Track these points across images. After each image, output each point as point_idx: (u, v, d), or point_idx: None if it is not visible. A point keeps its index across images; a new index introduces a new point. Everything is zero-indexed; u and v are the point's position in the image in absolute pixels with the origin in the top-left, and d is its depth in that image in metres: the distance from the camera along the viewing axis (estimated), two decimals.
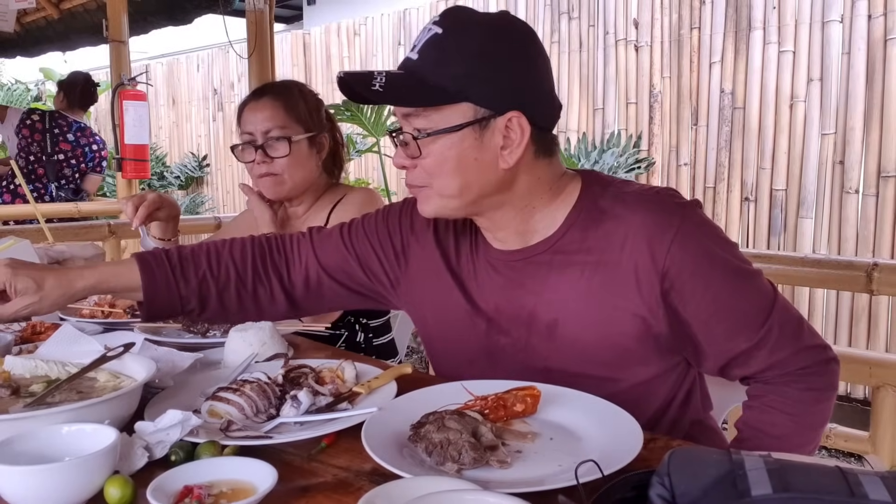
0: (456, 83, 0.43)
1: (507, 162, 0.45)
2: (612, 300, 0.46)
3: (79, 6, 2.47)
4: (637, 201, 0.46)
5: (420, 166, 0.46)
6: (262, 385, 0.47)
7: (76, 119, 2.11)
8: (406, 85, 0.44)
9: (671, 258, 0.44)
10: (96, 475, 0.35)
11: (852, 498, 0.26)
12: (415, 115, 0.45)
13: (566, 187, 0.49)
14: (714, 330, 0.46)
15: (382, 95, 0.43)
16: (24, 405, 0.43)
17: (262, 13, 1.79)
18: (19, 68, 4.42)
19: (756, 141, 1.88)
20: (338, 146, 0.85)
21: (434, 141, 0.45)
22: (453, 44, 0.44)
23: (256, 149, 0.78)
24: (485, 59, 0.44)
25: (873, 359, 0.99)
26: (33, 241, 0.78)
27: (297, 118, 0.78)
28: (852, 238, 1.73)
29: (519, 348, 0.49)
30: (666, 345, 0.47)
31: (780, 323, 0.45)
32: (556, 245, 0.48)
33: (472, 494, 0.31)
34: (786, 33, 1.81)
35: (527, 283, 0.49)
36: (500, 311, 0.50)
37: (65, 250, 0.83)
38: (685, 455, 0.29)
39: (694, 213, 0.46)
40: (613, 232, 0.46)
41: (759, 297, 0.46)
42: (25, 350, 0.57)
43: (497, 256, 0.50)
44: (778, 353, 0.45)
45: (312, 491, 0.37)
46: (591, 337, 0.47)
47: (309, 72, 3.09)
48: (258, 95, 0.79)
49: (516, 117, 0.45)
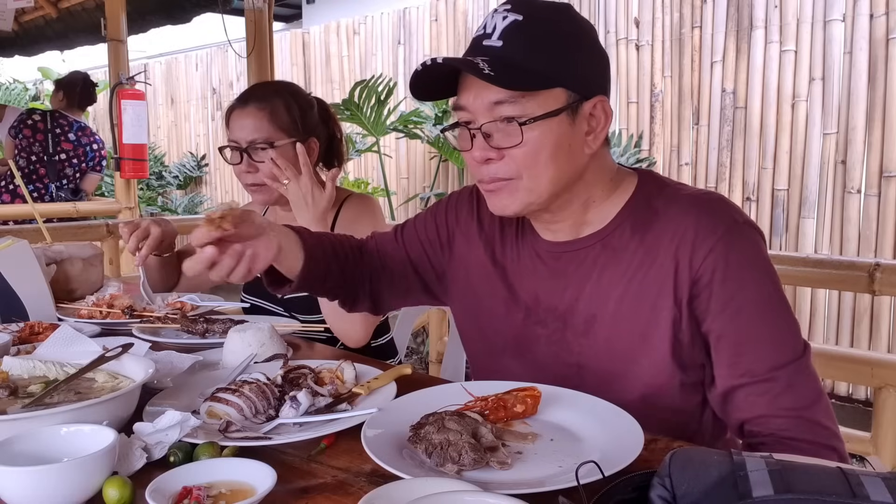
0: (551, 68, 0.43)
1: (591, 147, 0.46)
2: (650, 301, 0.45)
3: (77, 5, 2.47)
4: (690, 204, 0.46)
5: (510, 157, 0.44)
6: (262, 386, 0.46)
7: (76, 119, 2.11)
8: (510, 70, 0.42)
9: (706, 265, 0.44)
10: (95, 476, 0.35)
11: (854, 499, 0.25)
12: (507, 103, 0.43)
13: (623, 182, 0.49)
14: (722, 351, 0.44)
15: (496, 79, 0.41)
16: (23, 406, 0.43)
17: (260, 12, 1.78)
18: (17, 67, 4.42)
19: (757, 140, 1.87)
20: (336, 142, 0.84)
21: (533, 128, 0.43)
22: (541, 30, 0.43)
23: (241, 155, 0.77)
24: (574, 45, 0.44)
25: (875, 359, 0.98)
26: (31, 241, 0.76)
27: (282, 126, 0.77)
28: (854, 238, 1.73)
29: (554, 341, 0.49)
30: (688, 357, 0.45)
31: (793, 380, 0.42)
32: (605, 239, 0.48)
33: (472, 496, 0.30)
34: (787, 32, 1.81)
35: (570, 276, 0.48)
36: (538, 300, 0.50)
37: (63, 250, 0.82)
38: (686, 456, 0.29)
39: (745, 230, 0.44)
40: (662, 233, 0.45)
41: (780, 340, 0.43)
42: (23, 351, 0.56)
43: (543, 246, 0.50)
44: (780, 407, 0.42)
45: (312, 492, 0.36)
46: (626, 337, 0.46)
47: (308, 71, 3.09)
48: (244, 102, 0.78)
49: (600, 101, 0.45)
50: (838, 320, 1.76)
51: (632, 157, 2.14)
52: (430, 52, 2.68)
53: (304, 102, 0.81)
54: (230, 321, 0.68)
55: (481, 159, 0.45)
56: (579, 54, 0.45)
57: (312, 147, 0.80)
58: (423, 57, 2.69)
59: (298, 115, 0.79)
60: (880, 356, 1.25)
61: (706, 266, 0.44)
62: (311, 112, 0.81)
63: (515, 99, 0.43)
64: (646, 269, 0.46)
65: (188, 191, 3.72)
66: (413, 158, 2.74)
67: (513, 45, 0.43)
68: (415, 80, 0.45)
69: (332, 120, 0.85)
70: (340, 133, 0.86)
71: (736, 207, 0.46)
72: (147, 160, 2.15)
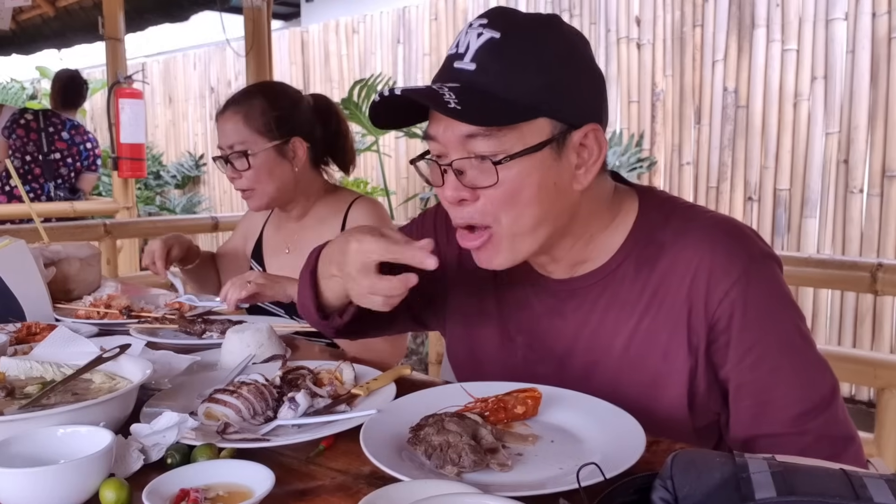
0: (532, 96, 0.37)
1: (581, 183, 0.40)
2: (661, 348, 0.41)
3: (75, 4, 2.46)
4: (700, 238, 0.40)
5: (486, 198, 0.38)
6: (260, 387, 0.46)
7: (69, 117, 2.09)
8: (481, 101, 0.36)
9: (722, 309, 0.39)
10: (91, 478, 0.35)
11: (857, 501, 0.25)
12: (480, 136, 0.37)
13: (622, 206, 0.43)
14: (742, 400, 0.40)
15: (462, 114, 0.36)
16: (19, 407, 0.43)
17: (259, 10, 1.78)
18: (15, 66, 4.39)
19: (759, 140, 1.87)
20: (341, 139, 0.82)
21: (510, 166, 0.37)
22: (520, 50, 0.37)
23: (226, 162, 0.78)
24: (561, 65, 0.38)
25: (878, 360, 0.98)
26: (29, 241, 0.76)
27: (258, 129, 0.76)
28: (856, 238, 1.72)
29: (554, 383, 0.44)
30: (703, 405, 0.42)
31: (823, 432, 0.39)
32: (606, 279, 0.43)
33: (472, 498, 0.30)
34: (789, 31, 1.80)
35: (567, 317, 0.44)
36: (535, 337, 0.45)
37: (60, 250, 0.82)
38: (688, 458, 0.29)
39: (762, 265, 0.40)
40: (671, 271, 0.40)
41: (807, 385, 0.39)
42: (20, 351, 0.56)
43: (539, 281, 0.45)
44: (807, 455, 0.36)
45: (310, 494, 0.36)
46: (634, 386, 0.42)
47: (307, 70, 3.08)
48: (225, 107, 0.78)
49: (593, 130, 0.39)
50: (840, 321, 1.75)
51: (633, 156, 2.13)
52: (430, 50, 2.66)
53: (284, 102, 0.78)
54: (228, 322, 0.68)
55: (454, 200, 0.39)
56: (567, 77, 0.38)
57: (297, 147, 0.78)
58: (422, 56, 2.68)
59: (275, 116, 0.77)
60: (883, 357, 1.23)
61: (723, 310, 0.39)
62: (294, 110, 0.78)
63: (490, 132, 0.37)
64: (654, 313, 0.41)
65: (186, 190, 3.71)
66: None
67: (487, 70, 0.37)
68: (374, 109, 0.39)
69: (333, 117, 0.82)
70: (346, 129, 0.83)
71: (751, 238, 0.41)
72: (145, 159, 2.14)
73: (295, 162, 0.78)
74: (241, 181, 0.77)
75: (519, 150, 0.38)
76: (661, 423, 0.42)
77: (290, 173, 0.78)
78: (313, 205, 0.82)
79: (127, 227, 1.90)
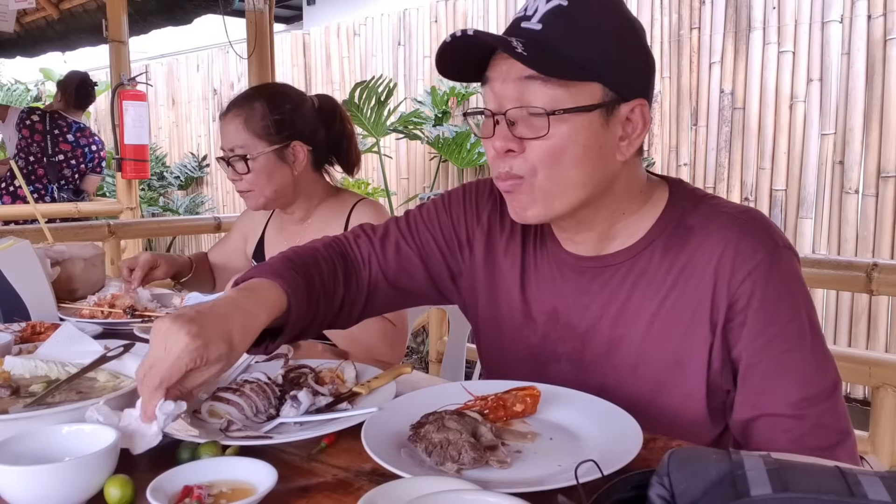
0: (590, 60, 0.39)
1: (623, 154, 0.41)
2: (684, 325, 0.42)
3: (78, 6, 2.47)
4: (728, 222, 0.42)
5: (531, 151, 0.39)
6: (262, 385, 0.46)
7: (75, 119, 2.10)
8: (544, 52, 0.38)
9: (743, 289, 0.41)
10: (96, 475, 0.35)
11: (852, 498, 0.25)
12: (538, 86, 0.38)
13: (654, 193, 0.45)
14: (750, 379, 0.41)
15: (526, 59, 0.37)
16: (25, 405, 0.43)
17: (261, 13, 1.79)
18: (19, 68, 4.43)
19: (756, 141, 1.87)
20: (347, 142, 0.82)
21: (562, 120, 0.39)
22: (584, 18, 0.39)
23: (227, 164, 0.78)
24: (619, 40, 0.40)
25: (873, 359, 0.98)
26: (33, 241, 0.76)
27: (258, 133, 0.76)
28: (852, 238, 1.73)
29: (574, 360, 0.46)
30: (717, 383, 0.43)
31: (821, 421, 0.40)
32: (635, 258, 0.44)
33: (472, 494, 0.30)
34: (785, 33, 1.81)
35: (594, 294, 0.45)
36: (557, 316, 0.46)
37: (64, 250, 0.82)
38: (685, 455, 0.29)
39: (784, 255, 0.41)
40: (698, 253, 0.42)
41: (813, 373, 0.40)
42: (25, 350, 0.56)
43: (566, 259, 0.46)
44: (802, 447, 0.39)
45: (312, 491, 0.36)
46: (656, 362, 0.43)
47: (309, 72, 3.09)
48: (227, 110, 0.79)
49: (640, 106, 0.41)
50: (836, 320, 1.76)
51: None
52: (431, 52, 2.69)
53: (286, 104, 0.78)
54: None
55: (501, 150, 0.40)
56: (623, 51, 0.40)
57: (297, 151, 0.77)
58: (423, 58, 2.68)
59: (275, 120, 0.76)
60: (878, 356, 1.25)
61: (743, 290, 0.40)
62: (296, 113, 0.78)
63: (547, 84, 0.38)
64: (679, 291, 0.42)
65: (189, 191, 3.71)
66: (413, 159, 2.75)
67: (552, 31, 0.39)
68: (441, 52, 0.40)
69: (339, 119, 0.82)
70: (351, 130, 0.83)
71: (776, 229, 0.43)
72: (148, 161, 2.15)
73: (295, 166, 0.78)
74: (240, 183, 0.78)
75: (571, 105, 0.39)
76: (678, 403, 0.43)
77: (290, 177, 0.78)
78: (316, 207, 0.82)
79: (131, 227, 1.90)
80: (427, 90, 2.54)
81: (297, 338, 0.46)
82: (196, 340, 0.36)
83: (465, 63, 0.42)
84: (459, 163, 2.37)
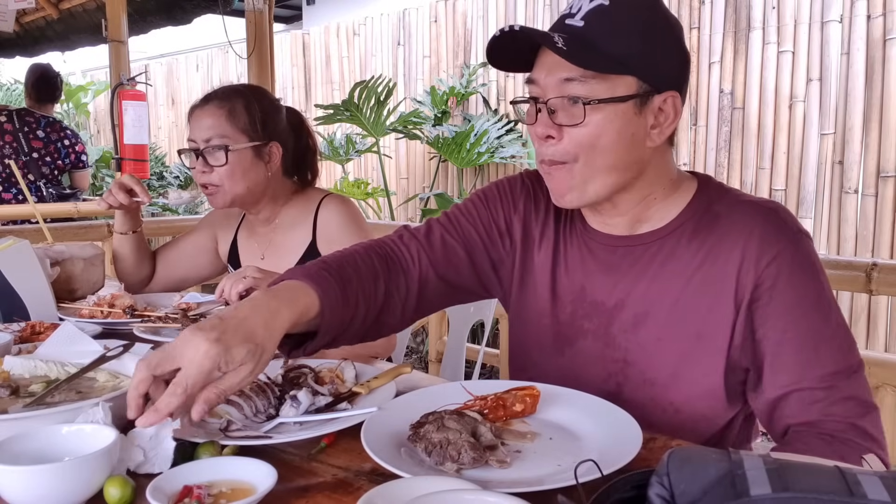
0: (627, 55, 0.43)
1: (654, 141, 0.45)
2: (708, 302, 0.45)
3: (78, 6, 2.47)
4: (754, 210, 0.46)
5: (570, 137, 0.44)
6: (262, 385, 0.46)
7: (44, 114, 2.01)
8: (583, 48, 0.43)
9: (770, 270, 0.43)
10: (96, 475, 0.35)
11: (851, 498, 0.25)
12: (576, 81, 0.43)
13: (683, 183, 0.49)
14: (781, 356, 0.43)
15: (567, 54, 0.42)
16: (24, 405, 0.43)
17: (261, 13, 1.78)
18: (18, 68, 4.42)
19: (755, 141, 1.87)
20: (310, 154, 0.82)
21: (599, 109, 0.43)
22: (624, 17, 0.44)
23: (198, 156, 0.76)
24: (656, 37, 0.44)
25: (872, 359, 0.98)
26: (33, 241, 0.76)
27: (240, 127, 0.75)
28: (851, 238, 1.73)
29: (599, 335, 0.48)
30: (736, 361, 0.45)
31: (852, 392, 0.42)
32: (664, 239, 0.47)
33: (472, 494, 0.31)
34: (785, 33, 1.81)
35: (623, 272, 0.48)
36: (584, 294, 0.49)
37: (64, 250, 0.82)
38: (684, 455, 0.29)
39: (806, 241, 0.45)
40: (725, 236, 0.45)
41: (842, 347, 0.43)
42: (25, 350, 0.56)
43: (596, 238, 0.49)
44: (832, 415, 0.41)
45: (312, 491, 0.37)
46: (679, 336, 0.46)
47: (308, 72, 3.09)
48: (205, 101, 0.77)
49: (672, 97, 0.45)
50: None
51: None
52: (430, 52, 2.67)
53: (268, 106, 0.78)
54: None
55: (542, 135, 0.45)
56: (659, 47, 0.44)
57: (273, 153, 0.77)
58: (422, 58, 2.68)
59: (259, 118, 0.76)
60: (877, 355, 1.25)
61: (770, 271, 0.43)
62: (275, 116, 0.79)
63: (585, 79, 0.43)
64: (706, 270, 0.45)
65: (189, 190, 3.72)
66: (413, 159, 2.74)
67: (593, 28, 0.43)
68: (491, 47, 0.45)
69: (305, 130, 0.83)
70: (315, 145, 0.84)
71: (795, 218, 0.46)
72: (148, 160, 2.13)
73: (270, 166, 0.77)
74: (210, 176, 0.76)
75: (607, 97, 0.43)
76: (698, 376, 0.45)
77: (264, 176, 0.77)
78: (281, 208, 0.81)
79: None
80: (426, 90, 2.54)
81: (335, 340, 0.45)
82: (216, 345, 0.36)
83: (515, 55, 0.46)
84: (459, 163, 2.36)
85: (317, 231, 0.78)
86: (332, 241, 0.76)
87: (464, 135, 2.27)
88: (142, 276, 0.87)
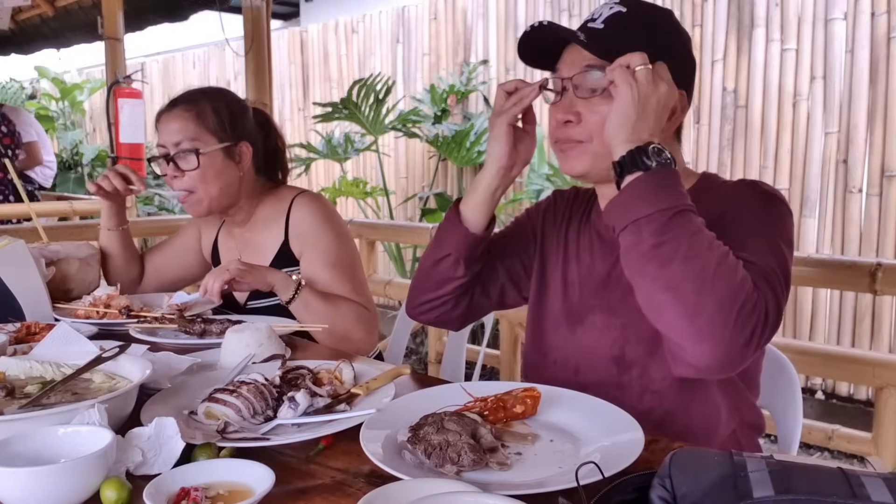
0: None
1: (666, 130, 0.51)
2: None
3: (74, 3, 2.46)
4: (735, 184, 0.53)
5: (585, 122, 0.51)
6: (260, 386, 0.46)
7: None
8: (602, 41, 0.50)
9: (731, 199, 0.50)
10: (92, 477, 0.35)
11: (854, 499, 0.25)
12: (595, 71, 0.50)
13: (686, 176, 0.54)
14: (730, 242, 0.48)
15: (587, 45, 0.49)
16: (20, 406, 0.43)
17: (258, 10, 1.78)
18: (14, 66, 4.39)
19: (759, 140, 1.87)
20: (280, 154, 0.82)
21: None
22: (639, 23, 0.51)
23: (168, 161, 0.76)
24: (668, 43, 0.51)
25: (877, 360, 0.98)
26: (28, 240, 0.76)
27: (209, 129, 0.75)
28: (856, 238, 1.72)
29: (603, 307, 0.54)
30: None
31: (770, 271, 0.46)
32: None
33: (472, 496, 0.30)
34: (788, 31, 1.80)
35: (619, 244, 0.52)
36: (592, 272, 0.56)
37: (59, 250, 0.81)
38: (686, 457, 0.29)
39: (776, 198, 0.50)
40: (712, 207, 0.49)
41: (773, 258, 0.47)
42: (20, 351, 0.56)
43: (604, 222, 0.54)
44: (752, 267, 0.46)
45: (310, 493, 0.36)
46: None
47: (306, 69, 3.08)
48: (171, 106, 0.77)
49: (682, 95, 0.52)
50: (839, 320, 1.75)
51: None
52: (429, 50, 2.66)
53: (235, 106, 0.78)
54: (228, 321, 0.68)
55: (561, 120, 0.52)
56: (670, 52, 0.50)
57: (244, 151, 0.77)
58: (421, 55, 2.67)
59: (227, 118, 0.76)
60: (882, 356, 1.22)
61: (731, 200, 0.50)
62: (243, 116, 0.79)
63: (603, 71, 0.49)
64: None
65: None
66: (412, 157, 2.74)
67: (612, 30, 0.51)
68: (522, 42, 0.52)
69: (273, 130, 0.83)
70: (283, 144, 0.84)
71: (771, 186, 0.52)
72: (144, 159, 2.13)
73: (241, 166, 0.77)
74: (183, 181, 0.75)
75: None
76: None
77: (236, 176, 0.77)
78: (255, 207, 0.81)
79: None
80: (426, 88, 2.54)
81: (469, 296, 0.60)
82: None
83: (541, 51, 0.53)
84: (459, 161, 2.37)
85: (289, 230, 0.78)
86: (305, 239, 0.76)
87: (464, 133, 2.27)
88: (132, 276, 0.86)
